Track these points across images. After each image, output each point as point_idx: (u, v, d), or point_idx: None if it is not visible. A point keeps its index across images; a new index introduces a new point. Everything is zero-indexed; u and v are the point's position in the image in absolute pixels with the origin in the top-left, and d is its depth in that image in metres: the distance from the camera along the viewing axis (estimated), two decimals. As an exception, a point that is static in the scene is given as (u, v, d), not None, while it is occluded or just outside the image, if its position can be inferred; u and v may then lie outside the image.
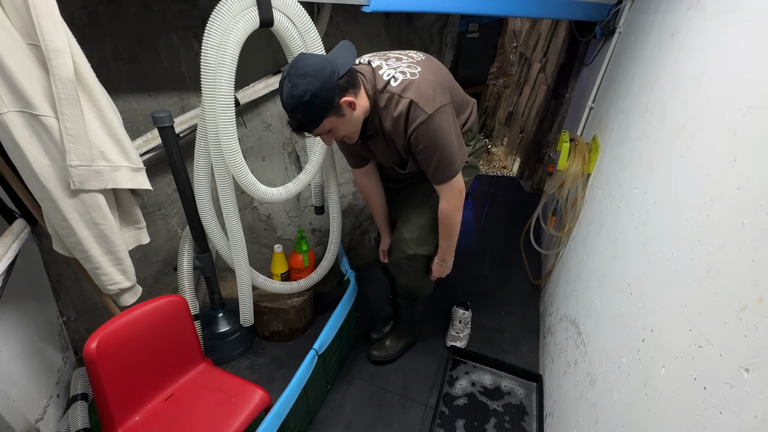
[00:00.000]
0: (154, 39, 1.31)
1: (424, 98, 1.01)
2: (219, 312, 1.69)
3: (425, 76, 1.04)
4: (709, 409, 0.59)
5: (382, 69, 1.05)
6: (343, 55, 1.00)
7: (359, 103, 1.02)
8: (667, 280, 0.80)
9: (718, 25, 0.85)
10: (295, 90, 0.92)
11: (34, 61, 0.87)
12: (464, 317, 1.86)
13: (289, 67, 0.94)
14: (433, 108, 1.02)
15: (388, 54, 1.13)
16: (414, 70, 1.04)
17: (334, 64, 0.95)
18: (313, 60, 0.94)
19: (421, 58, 1.11)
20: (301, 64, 0.93)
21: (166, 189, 1.54)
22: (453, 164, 1.12)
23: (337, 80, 0.94)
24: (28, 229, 1.17)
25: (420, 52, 1.16)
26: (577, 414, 1.13)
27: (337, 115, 0.99)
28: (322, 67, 0.93)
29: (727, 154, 0.68)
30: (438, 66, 1.14)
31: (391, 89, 1.02)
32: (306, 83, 0.91)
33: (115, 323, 1.04)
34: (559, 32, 2.88)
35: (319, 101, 0.94)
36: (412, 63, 1.07)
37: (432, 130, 1.04)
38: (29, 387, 1.23)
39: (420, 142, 1.06)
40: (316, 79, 0.91)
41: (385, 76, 1.03)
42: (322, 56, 0.97)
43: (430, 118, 1.02)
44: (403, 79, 1.02)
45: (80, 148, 0.96)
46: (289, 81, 0.93)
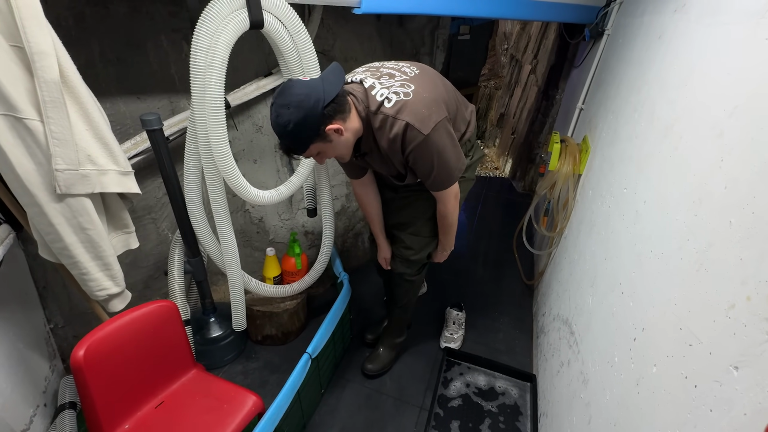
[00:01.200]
0: (143, 41, 1.29)
1: (420, 119, 1.00)
2: (211, 317, 1.67)
3: (419, 95, 1.02)
4: (700, 407, 0.59)
5: (375, 89, 1.03)
6: (331, 80, 0.98)
7: (348, 127, 1.02)
8: (657, 279, 0.81)
9: (703, 27, 0.86)
10: (279, 119, 0.94)
11: (17, 64, 0.86)
12: (458, 318, 1.86)
13: (276, 95, 0.95)
14: (429, 128, 1.01)
15: (381, 69, 1.10)
16: (407, 89, 1.02)
17: (319, 92, 0.94)
18: (298, 89, 0.93)
19: (415, 73, 1.09)
20: (286, 93, 0.93)
21: (155, 192, 1.52)
22: (451, 176, 1.14)
23: (322, 109, 0.94)
24: (13, 235, 1.14)
25: (413, 65, 1.13)
26: (570, 413, 1.14)
27: (323, 141, 1.00)
28: (306, 96, 0.93)
29: (714, 154, 0.69)
30: (432, 79, 1.12)
31: (385, 111, 1.01)
32: (289, 113, 0.92)
33: (103, 330, 1.02)
34: (549, 34, 2.91)
35: (304, 130, 0.95)
36: (405, 81, 1.04)
37: (429, 148, 1.04)
38: (14, 396, 1.19)
39: (418, 159, 1.07)
40: (299, 109, 0.92)
41: (379, 97, 1.01)
42: (309, 84, 0.95)
43: (427, 137, 1.01)
44: (396, 99, 1.00)
45: (66, 151, 0.94)
46: (275, 109, 0.94)
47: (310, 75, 1.29)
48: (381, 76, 1.06)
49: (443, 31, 2.07)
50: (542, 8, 1.73)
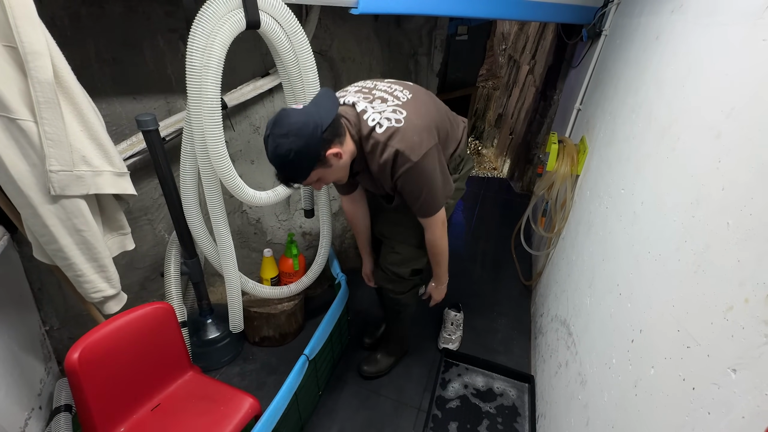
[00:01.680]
0: (139, 41, 1.29)
1: (410, 146, 1.01)
2: (208, 318, 1.66)
3: (411, 122, 1.03)
4: (698, 409, 0.59)
5: (366, 113, 1.03)
6: (326, 105, 0.99)
7: (345, 150, 1.03)
8: (654, 280, 0.80)
9: (700, 28, 0.86)
10: (279, 149, 0.92)
11: (11, 64, 0.85)
12: (456, 319, 1.86)
13: (272, 125, 0.94)
14: (419, 155, 1.02)
15: (374, 92, 1.10)
16: (399, 115, 1.02)
17: (316, 117, 0.94)
18: (294, 118, 0.93)
19: (407, 97, 1.08)
20: (284, 122, 0.92)
21: (152, 194, 1.51)
22: (437, 203, 1.16)
23: (321, 134, 0.94)
24: (7, 236, 1.13)
25: (406, 88, 1.12)
26: (568, 415, 1.14)
27: (324, 167, 1.01)
28: (304, 123, 0.92)
29: (711, 156, 0.69)
30: (425, 103, 1.12)
31: (376, 136, 1.01)
32: (290, 142, 0.91)
33: (98, 332, 1.01)
34: (547, 35, 2.91)
35: (305, 158, 0.95)
36: (397, 107, 1.04)
37: (418, 174, 1.05)
38: (9, 399, 1.18)
39: (406, 185, 1.09)
40: (299, 137, 0.91)
41: (370, 122, 1.02)
42: (304, 111, 0.95)
43: (416, 164, 1.03)
44: (388, 126, 1.01)
45: (61, 152, 0.93)
46: (273, 140, 0.93)
47: (307, 80, 1.29)
48: (373, 100, 1.06)
49: (441, 32, 2.07)
50: (540, 9, 1.73)
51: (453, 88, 3.31)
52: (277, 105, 1.64)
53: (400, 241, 1.36)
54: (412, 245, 1.35)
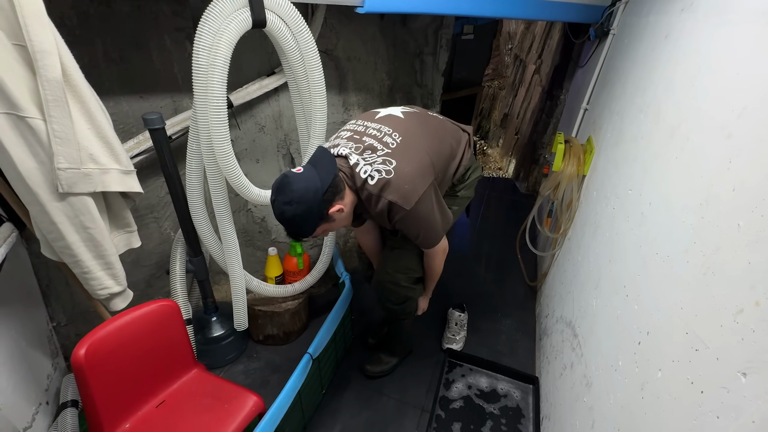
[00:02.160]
0: (146, 40, 1.30)
1: (402, 196, 1.05)
2: (212, 316, 1.67)
3: (401, 171, 1.05)
4: (707, 413, 0.58)
5: (359, 166, 1.06)
6: (324, 165, 1.03)
7: (346, 203, 1.08)
8: (662, 282, 0.79)
9: (710, 27, 0.85)
10: (285, 215, 1.00)
11: (20, 62, 0.85)
12: (460, 319, 1.85)
13: (276, 192, 1.00)
14: (411, 203, 1.06)
15: (364, 138, 1.11)
16: (389, 166, 1.04)
17: (316, 182, 0.99)
18: (296, 185, 0.98)
19: (396, 143, 1.09)
20: (286, 190, 0.98)
21: (158, 192, 1.52)
22: (436, 237, 1.21)
23: (321, 197, 1.00)
24: (16, 233, 1.14)
25: (396, 128, 1.12)
26: (573, 417, 1.13)
27: (328, 222, 1.07)
28: (305, 189, 0.98)
29: (721, 156, 0.68)
30: (415, 143, 1.11)
31: (369, 188, 1.05)
32: (293, 209, 0.98)
33: (104, 329, 1.02)
34: (554, 34, 2.89)
35: (309, 220, 1.02)
36: (386, 157, 1.06)
37: (413, 219, 1.10)
38: (17, 394, 1.20)
39: (404, 228, 1.15)
40: (301, 204, 0.98)
41: (362, 174, 1.05)
42: (304, 176, 1.00)
43: (410, 211, 1.07)
44: (379, 178, 1.04)
45: (68, 150, 0.94)
46: (278, 207, 1.00)
47: (312, 79, 1.28)
48: (363, 150, 1.08)
49: (447, 31, 2.06)
50: (547, 8, 1.72)
51: (458, 87, 3.30)
52: (282, 104, 1.65)
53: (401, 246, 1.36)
54: (411, 251, 1.35)
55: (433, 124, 1.23)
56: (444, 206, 1.20)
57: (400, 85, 2.05)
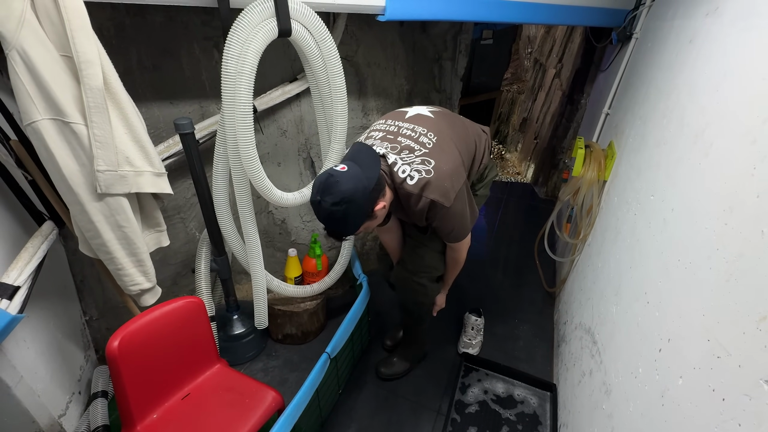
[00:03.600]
0: (177, 49, 1.36)
1: (443, 194, 1.06)
2: (234, 314, 1.72)
3: (440, 170, 1.06)
4: (728, 421, 0.58)
5: (397, 165, 1.07)
6: (368, 164, 1.03)
7: (387, 199, 1.09)
8: (684, 289, 0.79)
9: (737, 31, 0.84)
10: (334, 215, 0.97)
11: (66, 72, 0.92)
12: (477, 324, 1.85)
13: (321, 192, 0.96)
14: (451, 200, 1.08)
15: (399, 138, 1.12)
16: (428, 165, 1.06)
17: (363, 180, 0.98)
18: (344, 185, 0.95)
19: (433, 143, 1.10)
20: (334, 190, 0.95)
21: (185, 193, 1.59)
22: (466, 230, 1.23)
23: (370, 195, 0.99)
24: (56, 231, 1.22)
25: (431, 128, 1.13)
26: (592, 425, 1.11)
27: (371, 220, 1.07)
28: (354, 188, 0.96)
29: (746, 162, 0.67)
30: (449, 143, 1.13)
31: (408, 188, 1.06)
32: (344, 209, 0.96)
33: (136, 323, 1.07)
34: (575, 38, 2.86)
35: (358, 218, 1.01)
36: (425, 156, 1.07)
37: (451, 215, 1.12)
38: (53, 383, 1.27)
39: (440, 224, 1.16)
40: (352, 204, 0.96)
41: (401, 174, 1.06)
42: (351, 175, 0.97)
43: (450, 208, 1.09)
44: (419, 178, 1.05)
45: (107, 153, 1.00)
46: (326, 209, 0.96)
47: (334, 85, 1.32)
48: (400, 150, 1.09)
49: (466, 36, 2.07)
50: (568, 12, 1.71)
51: (477, 92, 3.30)
52: (303, 109, 1.69)
53: (424, 244, 1.37)
54: (437, 251, 1.36)
55: (458, 123, 1.25)
56: (473, 201, 1.22)
57: (418, 90, 2.08)
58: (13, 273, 1.00)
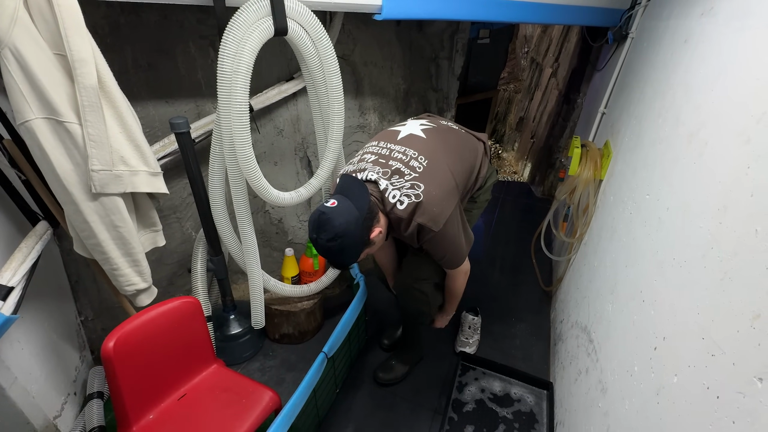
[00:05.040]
0: (172, 47, 1.35)
1: (432, 218, 1.07)
2: (231, 314, 1.72)
3: (429, 194, 1.06)
4: (723, 418, 0.58)
5: (387, 191, 1.07)
6: (357, 194, 1.04)
7: (382, 224, 1.10)
8: (679, 287, 0.79)
9: (731, 31, 0.84)
10: (331, 250, 1.00)
11: (60, 70, 0.91)
12: (474, 323, 1.85)
13: (317, 230, 0.99)
14: (440, 224, 1.08)
15: (390, 162, 1.11)
16: (417, 190, 1.06)
17: (354, 213, 0.99)
18: (337, 221, 0.97)
19: (423, 166, 1.09)
20: (327, 228, 0.97)
21: (181, 193, 1.58)
22: (461, 257, 1.24)
23: (362, 225, 1.01)
24: (50, 231, 1.21)
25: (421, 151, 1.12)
26: (588, 422, 1.12)
27: (370, 247, 1.09)
28: (346, 223, 0.98)
29: (740, 161, 0.68)
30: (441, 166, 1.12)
31: (398, 213, 1.06)
32: (339, 244, 0.98)
33: (131, 323, 1.07)
34: (571, 37, 2.87)
35: (355, 249, 1.03)
36: (414, 181, 1.07)
37: (441, 239, 1.13)
38: (48, 384, 1.26)
39: (431, 248, 1.18)
40: (346, 237, 0.98)
41: (392, 199, 1.07)
42: (342, 210, 0.99)
43: (439, 233, 1.09)
44: (408, 202, 1.05)
45: (102, 153, 0.99)
46: (323, 245, 0.99)
47: (331, 84, 1.31)
48: (391, 175, 1.09)
49: (463, 35, 2.07)
50: (564, 12, 1.72)
51: (474, 91, 3.30)
52: (300, 108, 1.69)
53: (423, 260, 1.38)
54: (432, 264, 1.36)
55: (453, 140, 1.24)
56: (467, 226, 1.23)
57: (415, 89, 2.08)
58: (7, 274, 0.99)
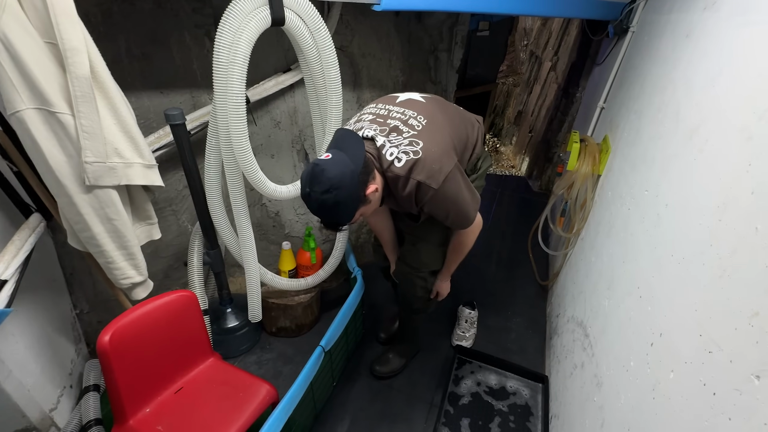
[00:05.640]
0: (167, 37, 1.32)
1: (430, 175, 1.03)
2: (227, 307, 1.71)
3: (428, 151, 1.03)
4: (718, 415, 0.58)
5: (385, 147, 1.04)
6: (353, 147, 1.00)
7: (378, 183, 1.05)
8: (677, 284, 0.79)
9: (734, 27, 0.84)
10: (326, 204, 0.94)
11: (51, 59, 0.89)
12: (470, 317, 1.86)
13: (309, 183, 0.94)
14: (440, 182, 1.04)
15: (388, 120, 1.09)
16: (416, 146, 1.03)
17: (349, 164, 0.95)
18: (331, 172, 0.93)
19: (422, 125, 1.07)
20: (321, 179, 0.93)
21: (176, 185, 1.56)
22: (468, 216, 1.17)
23: (358, 179, 0.96)
24: (43, 224, 1.19)
25: (420, 112, 1.10)
26: (583, 416, 1.13)
27: (365, 204, 1.03)
28: (342, 174, 0.93)
29: (741, 158, 0.67)
30: (439, 126, 1.10)
31: (396, 170, 1.03)
32: (334, 196, 0.93)
33: (127, 317, 1.06)
34: (571, 31, 2.85)
35: (350, 204, 0.98)
36: (413, 138, 1.04)
37: (442, 199, 1.07)
38: (43, 377, 1.25)
39: (433, 209, 1.11)
40: (341, 189, 0.93)
41: (389, 156, 1.03)
42: (337, 161, 0.95)
43: (438, 190, 1.05)
44: (407, 159, 1.02)
45: (95, 144, 0.97)
46: (316, 198, 0.94)
47: (329, 76, 1.30)
48: (389, 132, 1.06)
49: (462, 28, 2.05)
50: (565, 4, 1.70)
51: (472, 84, 3.28)
52: (297, 100, 1.67)
53: (422, 238, 1.36)
54: (434, 243, 1.36)
55: (451, 110, 1.22)
56: (470, 186, 1.17)
57: (414, 81, 2.05)
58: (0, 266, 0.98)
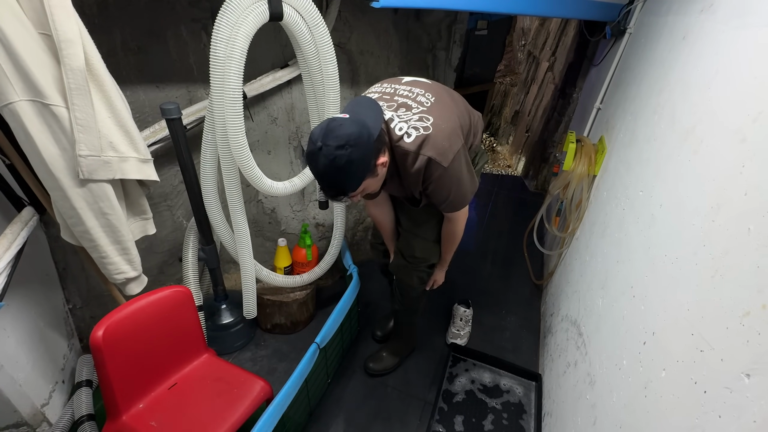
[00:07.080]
0: (163, 30, 1.31)
1: (441, 152, 1.01)
2: (222, 304, 1.71)
3: (438, 128, 1.02)
4: (709, 413, 0.59)
5: (393, 122, 1.02)
6: (371, 116, 0.96)
7: (387, 158, 1.02)
8: (670, 283, 0.80)
9: (730, 29, 0.84)
10: (337, 161, 0.88)
11: (45, 51, 0.88)
12: (465, 315, 1.87)
13: (323, 137, 0.88)
14: (449, 160, 1.03)
15: (396, 98, 1.08)
16: (426, 122, 1.01)
17: (367, 127, 0.92)
18: (348, 128, 0.88)
19: (431, 102, 1.06)
20: (338, 133, 0.88)
21: (171, 180, 1.55)
22: (464, 199, 1.17)
23: (374, 145, 0.93)
24: (36, 217, 1.18)
25: (428, 91, 1.09)
26: (575, 414, 1.14)
27: (372, 176, 0.99)
28: (359, 133, 0.89)
29: (735, 160, 0.68)
30: (448, 105, 1.10)
31: (405, 146, 1.00)
32: (348, 153, 0.88)
33: (121, 312, 1.05)
34: (569, 31, 2.86)
35: (361, 168, 0.93)
36: (423, 113, 1.03)
37: (449, 178, 1.06)
38: (35, 372, 1.24)
39: (437, 189, 1.09)
40: (358, 147, 0.88)
41: (398, 131, 1.01)
42: (356, 121, 0.91)
43: (447, 168, 1.03)
44: (417, 135, 1.00)
45: (90, 138, 0.96)
46: (329, 153, 0.88)
47: (326, 72, 1.29)
48: (397, 108, 1.05)
49: (460, 26, 2.05)
50: (563, 5, 1.70)
51: (470, 83, 3.28)
52: (294, 96, 1.66)
53: (419, 235, 1.37)
54: (429, 240, 1.36)
55: (456, 95, 1.22)
56: (472, 170, 1.17)
57: (412, 79, 2.05)
58: (-9, 260, 0.97)
